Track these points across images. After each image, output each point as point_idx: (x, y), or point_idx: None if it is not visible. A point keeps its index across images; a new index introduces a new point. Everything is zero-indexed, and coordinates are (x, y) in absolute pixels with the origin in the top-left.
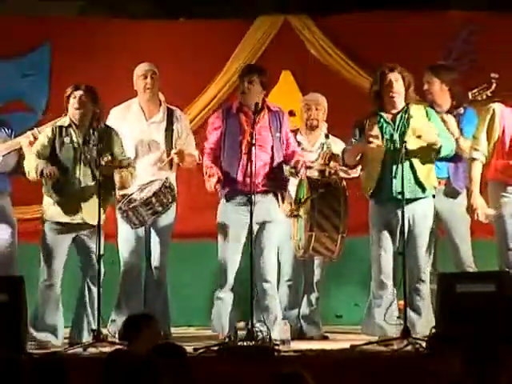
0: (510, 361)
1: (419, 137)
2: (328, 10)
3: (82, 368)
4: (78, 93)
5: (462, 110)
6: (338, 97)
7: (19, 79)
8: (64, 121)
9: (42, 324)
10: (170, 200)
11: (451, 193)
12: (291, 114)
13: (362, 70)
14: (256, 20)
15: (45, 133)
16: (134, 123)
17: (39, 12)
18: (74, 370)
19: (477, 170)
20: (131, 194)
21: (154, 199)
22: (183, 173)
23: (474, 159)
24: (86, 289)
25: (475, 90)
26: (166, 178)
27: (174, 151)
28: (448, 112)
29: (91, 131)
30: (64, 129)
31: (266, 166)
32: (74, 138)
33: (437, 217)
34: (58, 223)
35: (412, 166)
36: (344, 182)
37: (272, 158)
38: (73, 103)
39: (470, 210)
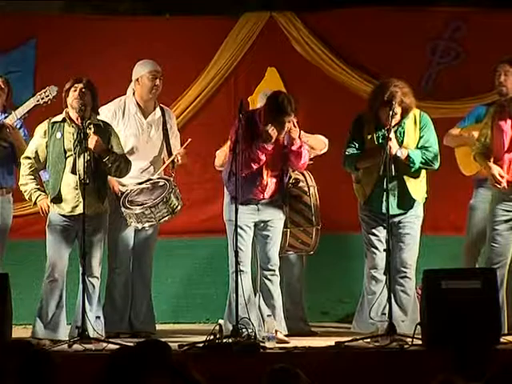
0: (495, 356)
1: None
2: (313, 8)
3: (67, 365)
4: (79, 85)
5: None
6: (323, 94)
7: (7, 78)
8: (59, 116)
9: (45, 321)
10: (177, 203)
11: None
12: None
13: (347, 67)
14: (242, 17)
15: (37, 134)
16: (132, 121)
17: (23, 7)
18: (59, 367)
19: None
20: (129, 192)
21: (164, 201)
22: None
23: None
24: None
25: None
26: (171, 179)
27: (177, 151)
28: None
29: (88, 124)
30: (57, 124)
31: None
32: (67, 133)
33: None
34: (58, 217)
35: (404, 183)
36: (310, 176)
37: None
38: (73, 95)
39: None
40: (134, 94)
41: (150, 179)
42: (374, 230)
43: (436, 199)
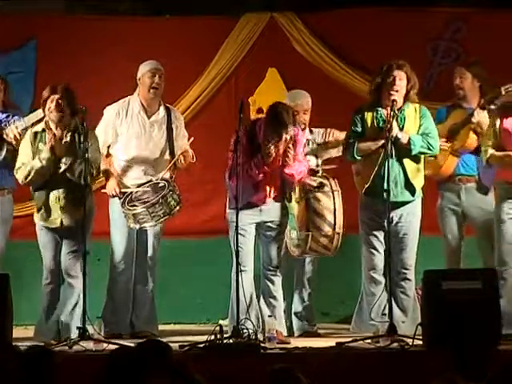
0: (495, 355)
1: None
2: (314, 8)
3: (67, 365)
4: (55, 96)
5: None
6: (324, 94)
7: (4, 77)
8: (39, 126)
9: (48, 323)
10: (176, 204)
11: (482, 189)
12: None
13: (348, 67)
14: (242, 17)
15: (25, 140)
16: (134, 121)
17: (23, 7)
18: (60, 367)
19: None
20: (131, 193)
21: (162, 201)
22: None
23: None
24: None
25: (508, 86)
26: (171, 180)
27: (179, 152)
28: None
29: (69, 133)
30: (39, 134)
31: None
32: (49, 143)
33: (464, 214)
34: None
35: (403, 167)
36: (335, 181)
37: None
38: (49, 107)
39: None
40: (138, 94)
41: (151, 181)
42: (373, 231)
43: (434, 199)
